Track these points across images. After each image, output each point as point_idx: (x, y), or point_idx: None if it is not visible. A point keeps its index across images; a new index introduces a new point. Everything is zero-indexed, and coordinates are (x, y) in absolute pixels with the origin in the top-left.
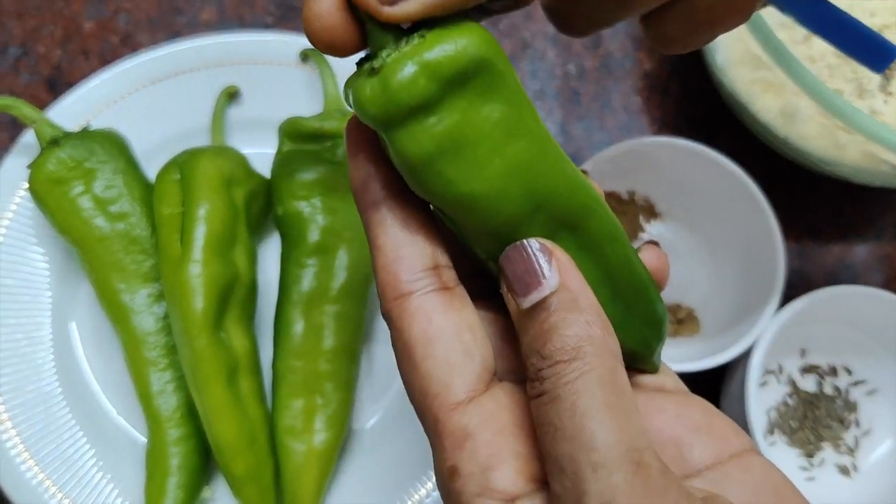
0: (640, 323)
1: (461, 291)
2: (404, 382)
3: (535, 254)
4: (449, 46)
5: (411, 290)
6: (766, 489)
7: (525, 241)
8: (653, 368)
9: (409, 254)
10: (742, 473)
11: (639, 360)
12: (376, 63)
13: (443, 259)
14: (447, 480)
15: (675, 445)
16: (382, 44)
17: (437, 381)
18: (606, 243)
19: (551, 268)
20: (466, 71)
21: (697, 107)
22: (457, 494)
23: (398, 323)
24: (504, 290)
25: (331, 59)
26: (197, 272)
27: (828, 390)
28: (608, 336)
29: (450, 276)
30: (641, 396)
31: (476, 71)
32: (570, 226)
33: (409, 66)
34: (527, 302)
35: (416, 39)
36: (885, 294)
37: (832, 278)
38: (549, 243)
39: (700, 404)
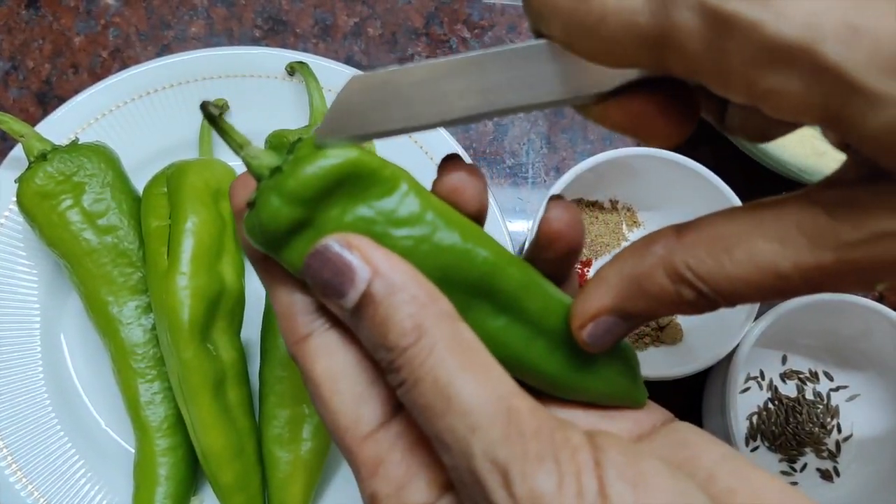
0: (598, 364)
1: None
2: (320, 417)
3: (336, 254)
4: (305, 170)
5: (309, 331)
6: (677, 443)
7: (319, 244)
8: (635, 404)
9: (301, 299)
10: (651, 443)
11: (617, 399)
12: (251, 197)
13: None
14: None
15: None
16: (259, 175)
17: (346, 415)
18: (523, 296)
19: (358, 259)
20: (326, 187)
21: None
22: None
23: (303, 365)
24: (321, 298)
25: (317, 72)
26: (184, 284)
27: (809, 396)
28: (437, 300)
29: None
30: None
31: (339, 182)
32: (480, 291)
33: (271, 198)
34: (349, 302)
35: (278, 172)
36: (866, 301)
37: None
38: (343, 235)
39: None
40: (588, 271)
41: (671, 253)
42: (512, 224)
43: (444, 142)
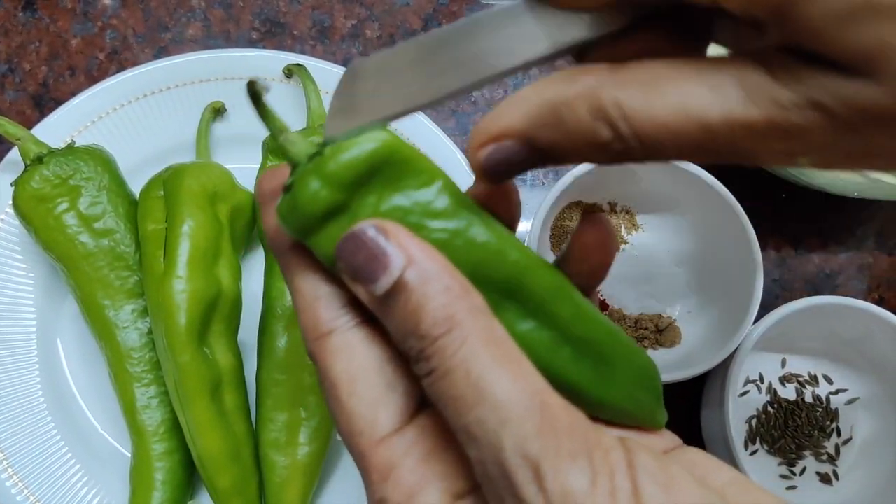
0: (621, 378)
1: (378, 324)
2: (333, 421)
3: (371, 238)
4: (345, 155)
5: (331, 328)
6: (685, 464)
7: (355, 228)
8: (654, 424)
9: (326, 293)
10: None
11: (638, 418)
12: (288, 182)
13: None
14: None
15: None
16: (296, 161)
17: (362, 418)
18: (552, 300)
19: (393, 246)
20: (366, 172)
21: None
22: None
23: (322, 363)
24: (350, 282)
25: (315, 74)
26: (181, 288)
27: (808, 399)
28: (470, 293)
29: (364, 310)
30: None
31: (376, 169)
32: (509, 292)
33: (311, 180)
34: (380, 288)
35: (317, 156)
36: (865, 304)
37: (813, 288)
38: (379, 221)
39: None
40: None
41: (601, 84)
42: None
43: (441, 143)
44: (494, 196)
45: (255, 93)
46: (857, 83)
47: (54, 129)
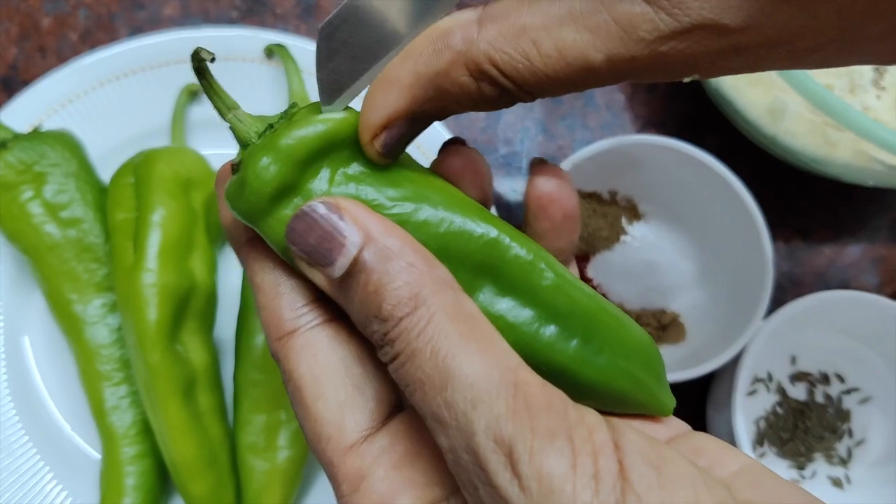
0: (613, 356)
1: (345, 321)
2: (300, 425)
3: (323, 216)
4: (300, 131)
5: (294, 327)
6: (691, 451)
7: (305, 207)
8: (661, 410)
9: (289, 289)
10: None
11: (640, 404)
12: (236, 160)
13: (319, 292)
14: None
15: None
16: (246, 140)
17: (329, 423)
18: (531, 273)
19: (348, 223)
20: (320, 149)
21: (683, 104)
22: None
23: (285, 364)
24: (303, 266)
25: (296, 55)
26: (150, 281)
27: (819, 399)
28: (435, 268)
29: (330, 307)
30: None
31: (332, 146)
32: (483, 269)
33: (261, 156)
34: (337, 270)
35: (269, 132)
36: (879, 299)
37: (823, 281)
38: (331, 197)
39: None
40: (586, 267)
41: (471, 46)
42: (506, 216)
43: (433, 130)
44: (461, 170)
45: (199, 66)
46: None
47: (20, 113)
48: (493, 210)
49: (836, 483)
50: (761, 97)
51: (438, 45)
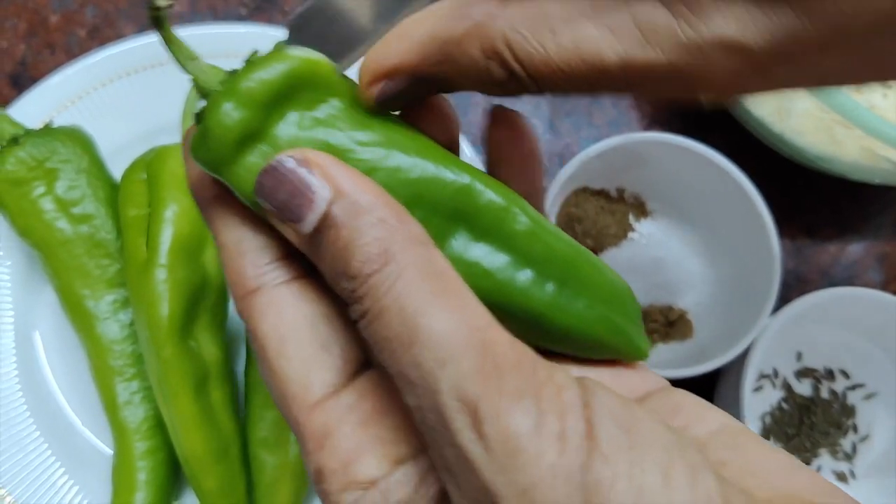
0: (589, 300)
1: (314, 279)
2: (265, 384)
3: (292, 171)
4: (260, 72)
5: (259, 284)
6: (668, 409)
7: (273, 161)
8: (636, 354)
9: (253, 246)
10: (646, 404)
11: (614, 349)
12: (199, 110)
13: (289, 248)
14: (315, 482)
15: None
16: (207, 90)
17: (294, 381)
18: (505, 218)
19: (318, 178)
20: (284, 91)
21: (690, 103)
22: (325, 495)
23: (250, 322)
24: (274, 221)
25: None
26: (163, 277)
27: (825, 395)
28: (406, 223)
29: (299, 265)
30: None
31: (295, 89)
32: (456, 215)
33: (223, 101)
34: (307, 226)
35: (229, 78)
36: (884, 296)
37: (829, 278)
38: (300, 150)
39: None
40: None
41: (490, 20)
42: None
43: None
44: (427, 114)
45: (156, 16)
46: (778, 13)
47: (31, 109)
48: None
49: (841, 478)
50: (768, 95)
51: (459, 12)
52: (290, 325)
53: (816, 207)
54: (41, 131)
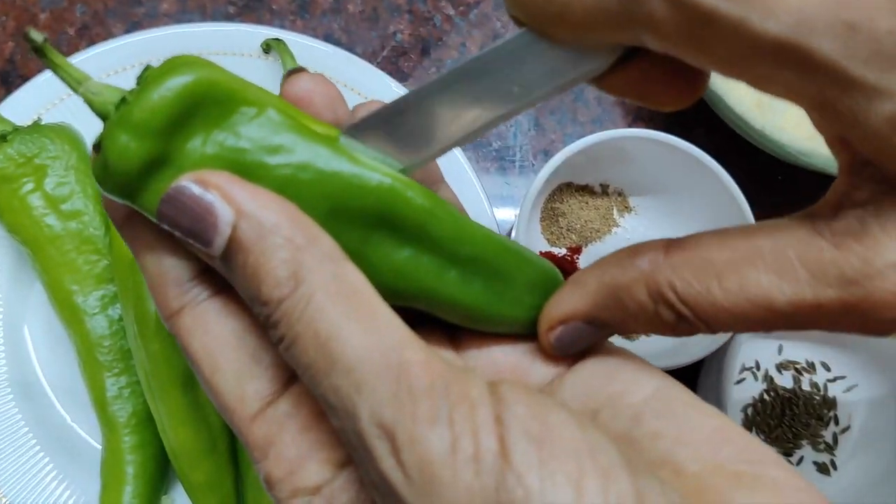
0: (518, 291)
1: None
2: (208, 398)
3: (191, 196)
4: (151, 97)
5: (182, 304)
6: (604, 374)
7: (172, 187)
8: None
9: (172, 265)
10: (575, 376)
11: None
12: (97, 138)
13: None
14: (267, 489)
15: (511, 373)
16: (104, 114)
17: (231, 394)
18: (428, 222)
19: (217, 199)
20: (182, 113)
21: None
22: (278, 501)
23: (180, 341)
24: (188, 246)
25: (293, 50)
26: None
27: (806, 387)
28: (317, 241)
29: (219, 277)
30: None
31: (195, 108)
32: (379, 221)
33: (118, 134)
34: (216, 250)
35: (122, 104)
36: None
37: None
38: (199, 173)
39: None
40: (578, 258)
41: (656, 270)
42: (499, 211)
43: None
44: (310, 93)
45: (37, 47)
46: None
47: (20, 107)
48: (484, 201)
49: (823, 469)
50: (750, 91)
51: (626, 262)
52: (218, 340)
53: (798, 202)
54: (30, 128)
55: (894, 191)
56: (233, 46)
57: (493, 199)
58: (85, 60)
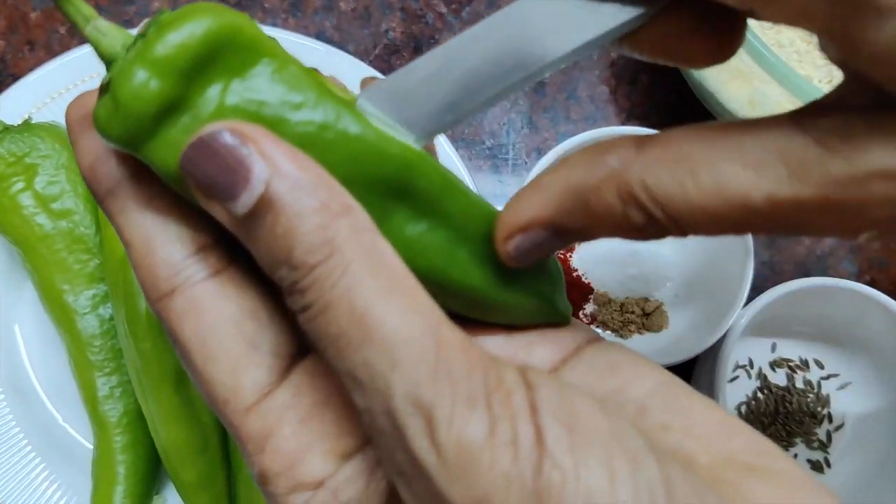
0: (525, 276)
1: (236, 270)
2: (196, 387)
3: (225, 145)
4: (176, 35)
5: (174, 286)
6: (603, 368)
7: (204, 133)
8: (561, 320)
9: (163, 243)
10: (571, 371)
11: (543, 315)
12: (105, 79)
13: (206, 237)
14: (260, 485)
15: (511, 360)
16: (111, 56)
17: (224, 385)
18: (443, 196)
19: (255, 154)
20: (204, 56)
21: (666, 96)
22: (272, 497)
23: (169, 326)
24: (203, 201)
25: (286, 48)
26: None
27: (799, 384)
28: (353, 211)
29: (219, 255)
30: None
31: (217, 53)
32: (396, 192)
33: (136, 70)
34: (241, 207)
35: (139, 42)
36: (857, 286)
37: (803, 270)
38: (233, 123)
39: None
40: (571, 256)
41: (627, 167)
42: None
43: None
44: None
45: None
46: None
47: (11, 106)
48: None
49: (816, 466)
50: (742, 88)
51: (594, 160)
52: (213, 326)
53: None
54: (20, 127)
55: (889, 105)
56: None
57: (485, 197)
58: (76, 59)
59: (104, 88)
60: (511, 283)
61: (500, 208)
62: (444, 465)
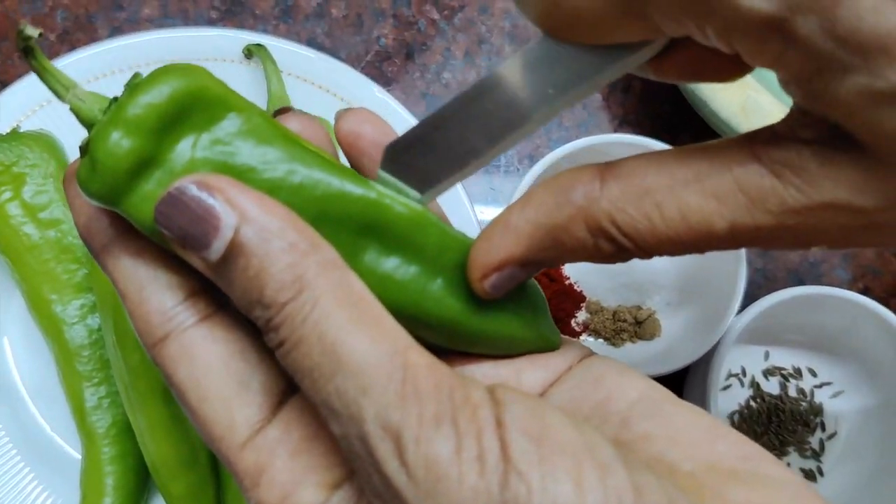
0: (501, 303)
1: (225, 313)
2: (193, 426)
3: (193, 197)
4: (145, 96)
5: (166, 332)
6: (590, 382)
7: (172, 188)
8: (549, 346)
9: (154, 292)
10: (560, 388)
11: (529, 344)
12: (83, 141)
13: (195, 283)
14: None
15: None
16: (91, 120)
17: (218, 423)
18: (414, 231)
19: (221, 203)
20: (173, 114)
21: (659, 104)
22: None
23: (164, 370)
24: (180, 251)
25: (276, 55)
26: None
27: (792, 393)
28: (320, 248)
29: (208, 300)
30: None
31: (186, 110)
32: (366, 229)
33: (110, 131)
34: (214, 254)
35: (113, 105)
36: (850, 294)
37: (796, 277)
38: (200, 175)
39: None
40: (563, 268)
41: (592, 203)
42: (483, 214)
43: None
44: (300, 133)
45: (27, 46)
46: (892, 178)
47: None
48: (467, 205)
49: (809, 475)
50: (734, 96)
51: (560, 198)
52: (205, 368)
53: None
54: (8, 136)
55: (839, 139)
56: (215, 52)
57: (477, 204)
58: (66, 66)
59: (83, 150)
60: (489, 311)
61: (484, 220)
62: (414, 484)
